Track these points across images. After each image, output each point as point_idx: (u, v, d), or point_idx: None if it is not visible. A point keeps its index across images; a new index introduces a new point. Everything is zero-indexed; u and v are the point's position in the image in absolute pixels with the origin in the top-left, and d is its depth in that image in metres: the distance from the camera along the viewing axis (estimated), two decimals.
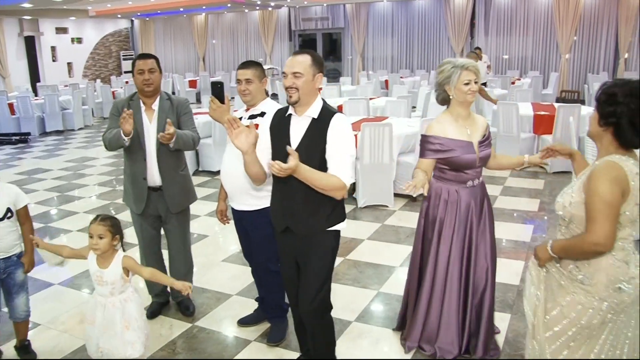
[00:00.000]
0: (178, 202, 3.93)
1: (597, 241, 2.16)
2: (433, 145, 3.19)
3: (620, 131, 2.19)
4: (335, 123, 2.76)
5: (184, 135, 3.71)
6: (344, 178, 2.71)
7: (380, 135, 6.38)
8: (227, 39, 22.95)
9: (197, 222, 6.36)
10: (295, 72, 2.72)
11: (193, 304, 4.21)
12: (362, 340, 3.74)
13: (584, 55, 16.36)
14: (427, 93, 10.72)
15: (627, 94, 2.15)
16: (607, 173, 2.17)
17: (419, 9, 18.87)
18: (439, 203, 3.28)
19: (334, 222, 2.88)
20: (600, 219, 2.15)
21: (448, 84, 3.14)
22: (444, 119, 3.25)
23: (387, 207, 6.64)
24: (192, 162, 8.69)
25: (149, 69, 3.68)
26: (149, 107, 3.79)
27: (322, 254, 2.88)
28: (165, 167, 3.81)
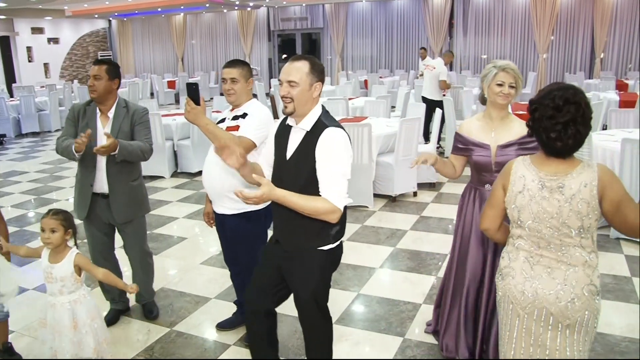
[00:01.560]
0: (125, 213, 3.80)
1: (480, 219, 2.50)
2: (457, 142, 3.27)
3: (538, 140, 2.21)
4: (324, 138, 2.54)
5: (129, 146, 3.60)
6: (333, 200, 2.51)
7: (359, 135, 6.37)
8: (205, 39, 22.82)
9: (175, 224, 6.30)
10: (290, 81, 2.53)
11: (157, 308, 4.16)
12: (343, 343, 3.71)
13: (561, 55, 16.57)
14: (406, 93, 10.74)
15: (539, 103, 2.19)
16: (504, 167, 2.38)
17: (397, 9, 18.93)
18: (469, 202, 3.29)
19: (324, 242, 2.67)
20: (486, 202, 2.47)
21: (484, 81, 3.13)
22: (476, 117, 3.29)
23: (367, 207, 6.63)
24: (170, 164, 8.61)
25: (94, 75, 3.59)
26: (104, 114, 3.71)
27: (305, 273, 2.70)
28: (115, 176, 3.71)
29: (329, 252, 2.71)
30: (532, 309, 2.23)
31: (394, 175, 6.73)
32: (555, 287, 2.19)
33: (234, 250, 3.59)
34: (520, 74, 3.10)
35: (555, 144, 2.12)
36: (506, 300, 2.33)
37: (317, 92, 2.62)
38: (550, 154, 2.19)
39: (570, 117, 2.09)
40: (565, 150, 2.14)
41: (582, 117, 2.11)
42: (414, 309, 4.12)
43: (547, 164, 2.20)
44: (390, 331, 3.83)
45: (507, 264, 2.35)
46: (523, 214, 2.23)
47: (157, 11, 20.75)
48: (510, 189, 2.28)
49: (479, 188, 3.23)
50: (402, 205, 6.74)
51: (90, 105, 3.75)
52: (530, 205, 2.21)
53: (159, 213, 6.67)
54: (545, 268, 2.23)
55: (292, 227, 2.67)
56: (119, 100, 3.76)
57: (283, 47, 21.81)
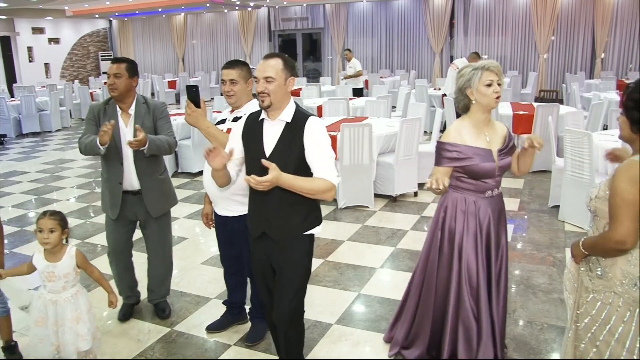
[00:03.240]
0: (158, 206, 3.89)
1: (619, 239, 2.19)
2: (450, 153, 3.01)
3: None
4: (310, 127, 2.73)
5: (158, 140, 3.66)
6: (331, 179, 2.70)
7: (360, 135, 6.37)
8: (206, 39, 22.83)
9: (176, 224, 6.29)
10: (267, 77, 2.68)
11: (169, 307, 4.17)
12: (343, 343, 3.71)
13: (561, 55, 16.56)
14: (406, 93, 10.75)
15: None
16: (626, 172, 2.19)
17: (398, 9, 18.93)
18: (457, 214, 3.10)
19: (310, 226, 2.86)
20: (620, 217, 2.18)
21: (469, 87, 2.98)
22: (461, 125, 3.07)
23: (368, 207, 6.64)
24: (171, 164, 8.60)
25: (114, 74, 3.62)
26: (125, 112, 3.75)
27: (297, 259, 2.85)
28: (143, 171, 3.76)
29: (311, 238, 2.91)
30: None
31: (394, 175, 6.73)
32: None
33: (236, 252, 3.60)
34: (501, 70, 3.02)
35: None
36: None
37: (291, 86, 2.78)
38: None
39: None
40: None
41: None
42: None
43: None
44: None
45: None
46: None
47: (158, 11, 20.75)
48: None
49: (476, 198, 3.06)
50: (402, 205, 6.74)
51: (109, 104, 3.77)
52: None
53: None
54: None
55: (281, 215, 2.78)
56: (138, 97, 3.79)
57: (284, 47, 21.81)
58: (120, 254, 3.99)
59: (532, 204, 6.68)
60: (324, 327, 3.88)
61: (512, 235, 5.63)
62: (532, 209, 6.46)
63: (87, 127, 3.77)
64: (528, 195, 7.03)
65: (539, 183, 7.47)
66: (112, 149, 3.65)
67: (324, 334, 3.81)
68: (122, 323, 4.03)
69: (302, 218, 2.82)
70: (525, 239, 5.56)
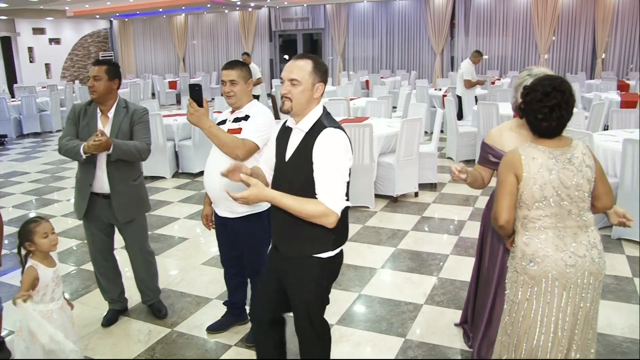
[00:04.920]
0: (126, 212, 3.82)
1: (494, 215, 2.56)
2: (486, 155, 3.08)
3: (529, 123, 2.52)
4: (322, 139, 2.45)
5: (124, 145, 3.60)
6: (328, 203, 2.40)
7: (360, 136, 6.37)
8: (207, 39, 22.83)
9: (177, 225, 6.29)
10: (292, 79, 2.47)
11: (165, 307, 4.16)
12: (344, 343, 3.71)
13: (562, 55, 16.58)
14: (407, 93, 10.74)
15: (529, 89, 2.49)
16: (505, 158, 2.56)
17: (399, 10, 18.93)
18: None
19: (322, 248, 2.56)
20: (496, 196, 2.56)
21: (519, 91, 2.95)
22: (507, 127, 3.07)
23: (368, 208, 6.63)
24: (171, 165, 8.61)
25: (94, 76, 3.60)
26: (104, 114, 3.72)
27: (302, 282, 2.62)
28: (115, 176, 3.71)
29: (327, 261, 2.60)
30: (575, 278, 2.46)
31: (395, 175, 6.73)
32: (585, 250, 2.48)
33: (237, 253, 3.60)
34: None
35: (541, 124, 2.44)
36: (548, 282, 2.47)
37: (319, 93, 2.54)
38: (537, 134, 2.50)
39: (555, 102, 2.40)
40: (549, 131, 2.46)
41: (566, 104, 2.42)
42: (415, 310, 4.11)
43: (549, 143, 2.48)
44: (392, 332, 3.83)
45: (536, 247, 2.49)
46: (546, 190, 2.44)
47: (159, 11, 20.75)
48: (526, 172, 2.45)
49: None
50: (403, 206, 6.74)
51: (91, 105, 3.76)
52: (551, 179, 2.43)
53: (160, 213, 6.67)
54: (572, 236, 2.49)
55: (289, 231, 2.58)
56: (119, 101, 3.77)
57: (284, 47, 21.81)
58: (100, 256, 3.95)
59: None
60: None
61: None
62: None
63: (68, 127, 3.73)
64: None
65: None
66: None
67: None
68: (121, 324, 4.02)
69: (313, 237, 2.53)
70: None
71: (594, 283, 2.51)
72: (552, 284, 2.47)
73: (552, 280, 2.46)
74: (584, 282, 2.48)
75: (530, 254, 2.50)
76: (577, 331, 2.52)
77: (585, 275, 2.47)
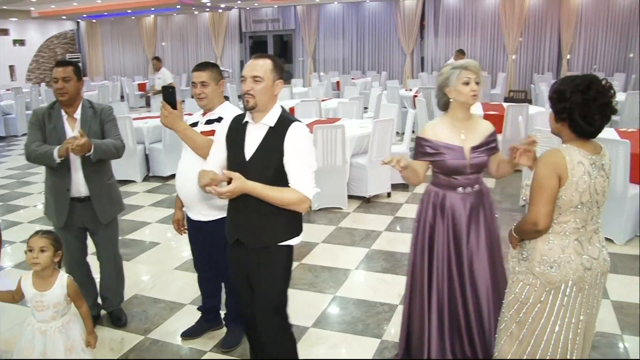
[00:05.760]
0: (107, 212, 3.78)
1: (533, 220, 2.41)
2: (423, 148, 3.11)
3: (574, 124, 2.37)
4: (292, 132, 2.62)
5: (103, 144, 3.55)
6: (304, 190, 2.59)
7: (332, 137, 6.37)
8: (176, 41, 22.61)
9: (148, 229, 6.21)
10: (255, 76, 2.58)
11: (125, 315, 4.08)
12: (320, 346, 3.70)
13: (529, 56, 16.87)
14: (378, 94, 10.78)
15: (573, 90, 2.33)
16: (547, 159, 2.41)
17: (369, 11, 19.02)
18: (430, 207, 3.17)
19: (288, 236, 2.73)
20: (536, 201, 2.41)
21: (448, 85, 3.03)
22: (440, 121, 3.15)
23: (341, 209, 6.63)
24: (142, 168, 8.50)
25: (63, 78, 3.51)
26: (71, 116, 3.64)
27: (273, 271, 2.75)
28: (92, 177, 3.66)
29: (291, 249, 2.80)
30: (591, 279, 2.47)
31: (367, 176, 6.74)
32: (599, 251, 2.49)
33: (212, 257, 3.55)
34: (479, 69, 3.06)
35: (591, 125, 2.34)
36: (567, 286, 2.44)
37: (278, 90, 2.68)
38: (581, 134, 2.39)
39: (606, 101, 2.33)
40: (595, 132, 2.39)
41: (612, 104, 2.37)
42: (391, 310, 4.12)
43: (586, 146, 2.41)
44: (368, 333, 3.83)
45: (559, 252, 2.45)
46: (584, 196, 2.38)
47: (127, 12, 20.48)
48: (570, 175, 2.36)
49: (448, 192, 3.11)
50: (376, 206, 6.75)
51: (54, 108, 3.65)
52: (590, 186, 2.38)
53: (130, 218, 6.57)
54: (588, 240, 2.48)
55: (256, 222, 2.68)
56: (84, 101, 3.70)
57: (255, 48, 21.71)
58: (76, 264, 3.86)
59: (503, 203, 6.75)
60: (300, 330, 3.85)
61: None
62: (503, 208, 6.53)
63: (33, 133, 3.61)
64: (500, 194, 7.10)
65: (510, 182, 7.54)
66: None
67: (301, 337, 3.78)
68: None
69: (280, 227, 2.70)
70: None
71: (603, 281, 2.55)
72: (570, 288, 2.44)
73: (571, 285, 2.44)
74: (596, 282, 2.49)
75: (552, 260, 2.45)
76: (585, 325, 2.52)
77: (598, 276, 2.49)
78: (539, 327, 2.51)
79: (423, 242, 3.21)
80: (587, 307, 2.51)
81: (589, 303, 2.51)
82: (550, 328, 2.49)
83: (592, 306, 2.54)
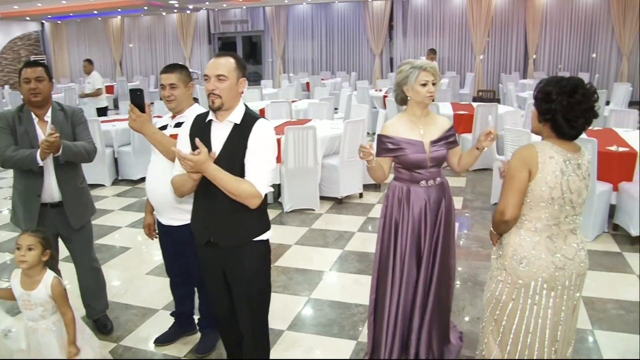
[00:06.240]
0: (79, 217, 3.70)
1: (501, 209, 2.47)
2: (385, 144, 3.21)
3: (556, 125, 2.40)
4: (257, 129, 2.62)
5: (74, 146, 3.47)
6: (258, 186, 2.56)
7: (304, 138, 6.35)
8: (144, 42, 22.33)
9: (118, 234, 6.12)
10: (219, 75, 2.55)
11: (111, 322, 4.02)
12: (296, 349, 3.68)
13: (496, 56, 17.11)
14: (348, 94, 10.82)
15: (559, 92, 2.36)
16: (520, 152, 2.46)
17: (338, 12, 19.06)
18: (395, 202, 3.27)
19: (260, 232, 2.75)
20: (505, 190, 2.47)
21: (406, 84, 3.15)
22: (399, 118, 3.26)
23: (314, 210, 6.62)
24: (111, 171, 8.37)
25: (36, 78, 3.42)
26: (41, 119, 3.55)
27: (252, 266, 2.74)
28: (65, 181, 3.58)
29: (265, 243, 2.79)
30: (564, 280, 2.48)
31: (339, 177, 6.75)
32: (575, 252, 2.50)
33: (184, 261, 3.50)
34: (437, 71, 3.19)
35: (573, 127, 2.38)
36: (537, 284, 2.47)
37: (242, 87, 2.67)
38: (563, 137, 2.43)
39: (590, 105, 2.37)
40: (576, 134, 2.42)
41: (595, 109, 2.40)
42: (366, 311, 4.10)
43: (564, 145, 2.44)
44: (343, 335, 3.83)
45: (529, 248, 2.48)
46: (555, 192, 2.41)
47: (93, 14, 20.15)
48: (540, 170, 2.39)
49: (412, 186, 3.23)
50: (348, 207, 6.76)
51: (23, 111, 3.55)
52: (561, 182, 2.40)
53: (100, 222, 6.45)
54: (562, 239, 2.49)
55: (229, 220, 2.66)
56: (54, 104, 3.61)
57: (224, 49, 21.26)
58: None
59: (475, 201, 6.82)
60: (275, 334, 3.83)
61: (457, 233, 5.72)
62: (475, 207, 6.60)
63: (4, 137, 3.46)
64: (471, 193, 7.17)
65: (480, 181, 7.64)
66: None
67: (276, 341, 3.76)
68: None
69: (252, 224, 2.70)
70: (470, 236, 5.67)
71: (580, 283, 2.55)
72: (540, 287, 2.47)
73: (541, 283, 2.46)
74: (571, 283, 2.50)
75: (523, 255, 2.48)
76: (561, 327, 2.54)
77: (573, 277, 2.50)
78: (514, 326, 2.54)
79: (389, 238, 3.31)
80: (561, 307, 2.51)
81: (565, 304, 2.52)
82: (524, 327, 2.51)
83: (569, 307, 2.54)
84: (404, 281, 3.26)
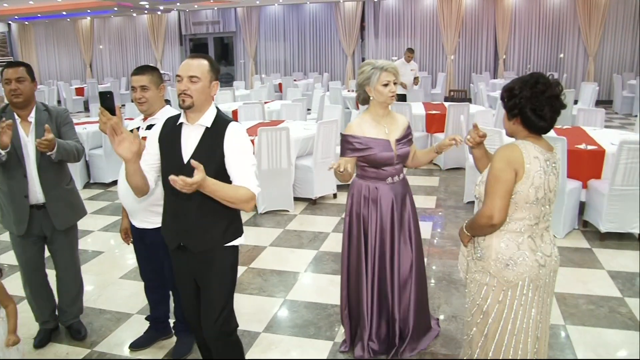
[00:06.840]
0: (64, 219, 3.65)
1: (488, 214, 2.38)
2: (351, 145, 3.25)
3: (525, 118, 2.39)
4: (231, 132, 2.60)
5: (67, 144, 3.43)
6: (252, 188, 2.54)
7: (277, 139, 6.35)
8: (115, 44, 22.07)
9: (90, 238, 6.04)
10: (192, 76, 2.53)
11: (85, 327, 3.95)
12: (272, 351, 3.67)
13: (467, 56, 17.32)
14: (321, 95, 10.83)
15: (521, 85, 2.39)
16: (503, 152, 2.40)
17: (310, 13, 19.08)
18: (361, 200, 3.34)
19: (231, 237, 2.72)
20: (492, 194, 2.38)
21: (368, 84, 3.20)
22: (363, 118, 3.31)
23: (288, 211, 6.62)
24: (82, 174, 8.25)
25: (17, 78, 3.35)
26: (24, 120, 3.48)
27: (221, 272, 2.72)
28: (48, 182, 3.52)
29: (234, 250, 2.77)
30: (545, 277, 2.48)
31: (313, 177, 6.76)
32: (551, 249, 2.52)
33: (158, 265, 3.47)
34: (398, 72, 3.26)
35: (543, 119, 2.36)
36: (524, 285, 2.45)
37: (215, 90, 2.65)
38: (536, 130, 2.42)
39: (555, 94, 2.36)
40: (548, 127, 2.41)
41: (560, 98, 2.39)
42: None
43: (541, 143, 2.44)
44: (320, 335, 3.83)
45: (514, 250, 2.45)
46: (539, 192, 2.39)
47: (62, 15, 19.84)
48: (526, 170, 2.36)
49: (378, 184, 3.31)
50: (322, 208, 6.78)
51: (5, 111, 3.48)
52: (544, 182, 2.39)
53: None
54: (540, 237, 2.49)
55: (200, 225, 2.65)
56: (38, 104, 3.54)
57: (195, 51, 21.39)
58: (34, 274, 3.72)
59: (448, 200, 6.89)
60: (252, 336, 3.83)
61: (430, 232, 5.78)
62: (448, 206, 6.67)
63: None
64: (444, 192, 7.24)
65: (453, 180, 7.72)
66: (14, 160, 3.38)
67: (253, 343, 3.75)
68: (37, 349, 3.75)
69: (223, 229, 2.68)
70: (444, 235, 5.73)
71: (554, 279, 2.58)
72: (527, 286, 2.45)
73: (527, 282, 2.44)
74: (549, 280, 2.52)
75: (508, 257, 2.44)
76: (541, 325, 2.56)
77: (551, 274, 2.51)
78: (500, 327, 2.51)
79: (359, 235, 3.38)
80: (542, 304, 2.53)
81: (544, 301, 2.54)
82: (510, 329, 2.49)
83: (547, 304, 2.57)
84: (377, 277, 3.38)
